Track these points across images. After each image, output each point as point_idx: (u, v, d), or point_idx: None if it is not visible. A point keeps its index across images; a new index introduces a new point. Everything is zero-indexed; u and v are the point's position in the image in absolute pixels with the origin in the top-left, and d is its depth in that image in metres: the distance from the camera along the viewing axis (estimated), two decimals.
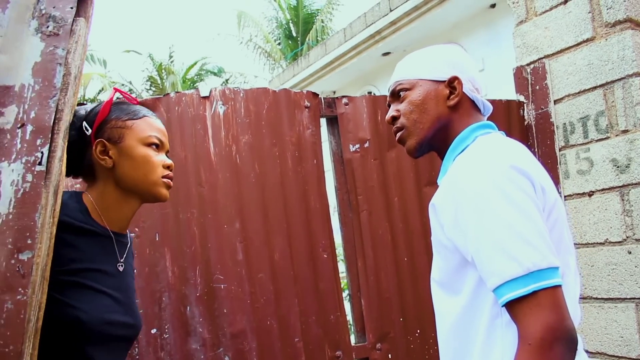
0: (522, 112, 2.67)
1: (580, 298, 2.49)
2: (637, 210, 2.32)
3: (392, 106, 1.27)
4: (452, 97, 1.19)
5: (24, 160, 0.98)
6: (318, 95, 2.24)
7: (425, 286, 2.21)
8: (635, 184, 2.32)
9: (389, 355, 2.10)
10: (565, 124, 2.60)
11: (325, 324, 2.02)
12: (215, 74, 18.84)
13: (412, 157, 1.28)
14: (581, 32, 2.52)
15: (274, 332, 1.92)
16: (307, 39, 15.70)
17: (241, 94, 2.09)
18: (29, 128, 0.99)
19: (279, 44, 17.37)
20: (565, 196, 2.60)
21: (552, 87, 2.64)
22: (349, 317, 2.23)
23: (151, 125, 1.30)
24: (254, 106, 2.09)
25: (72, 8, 1.10)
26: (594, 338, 2.47)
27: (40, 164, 0.98)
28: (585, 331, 2.51)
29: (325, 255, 2.09)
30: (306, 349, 1.96)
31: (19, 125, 0.99)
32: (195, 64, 18.36)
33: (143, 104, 1.95)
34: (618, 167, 2.38)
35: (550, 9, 2.65)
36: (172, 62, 17.52)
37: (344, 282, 2.52)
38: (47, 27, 1.08)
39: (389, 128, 2.30)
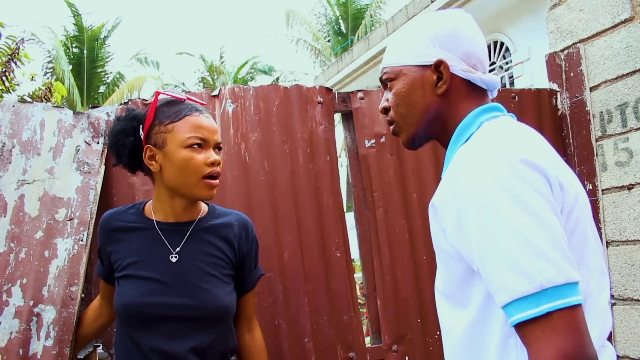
0: (554, 102, 2.52)
1: (619, 299, 2.32)
2: None
3: (384, 95, 1.15)
4: (439, 84, 1.04)
5: (73, 238, 1.68)
6: (332, 90, 2.19)
7: None
8: None
9: (406, 358, 2.02)
10: (602, 112, 2.42)
11: (338, 325, 1.96)
12: (265, 72, 19.05)
13: (410, 150, 1.18)
14: (618, 13, 2.34)
15: (283, 332, 1.88)
16: (356, 34, 15.60)
17: (251, 92, 2.06)
18: (75, 221, 1.71)
19: (329, 40, 17.34)
20: (602, 190, 2.43)
21: (587, 73, 2.47)
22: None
23: (192, 125, 1.35)
24: (264, 103, 2.06)
25: (97, 159, 1.83)
26: (636, 343, 2.29)
27: (82, 240, 1.69)
28: (626, 335, 2.33)
29: (338, 254, 2.03)
30: (317, 350, 1.91)
31: (68, 219, 1.70)
32: (245, 63, 18.63)
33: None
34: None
35: None
36: (222, 62, 17.84)
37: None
38: (84, 168, 1.80)
39: None
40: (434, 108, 1.06)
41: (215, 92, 2.04)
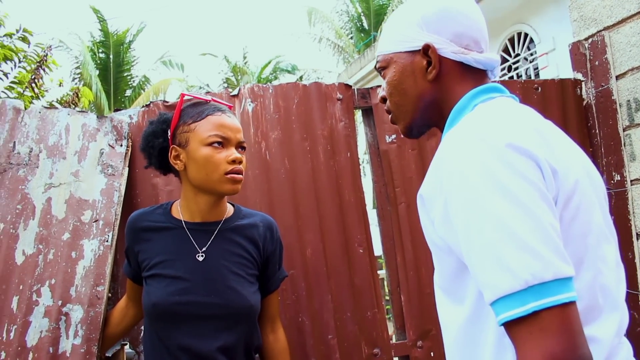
0: (579, 91, 2.46)
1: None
2: None
3: (383, 84, 1.11)
4: (429, 69, 0.99)
5: (98, 239, 1.72)
6: (351, 86, 2.18)
7: None
8: None
9: (431, 354, 2.00)
10: (629, 100, 2.37)
11: (362, 321, 1.96)
12: (289, 71, 19.10)
13: (410, 139, 1.14)
14: None
15: (307, 329, 1.88)
16: (379, 30, 15.52)
17: (270, 90, 2.07)
18: (101, 222, 1.74)
19: (351, 37, 17.30)
20: (631, 180, 2.37)
21: (613, 61, 2.41)
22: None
23: (213, 124, 1.38)
24: (283, 101, 2.07)
25: (121, 161, 1.86)
26: None
27: (107, 241, 1.72)
28: None
29: (361, 250, 2.03)
30: (341, 346, 1.91)
31: (94, 221, 1.74)
32: (269, 63, 18.71)
33: (174, 106, 1.98)
34: None
35: None
36: (246, 62, 17.95)
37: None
38: (108, 170, 1.83)
39: None
40: (428, 94, 1.02)
41: (235, 92, 2.06)
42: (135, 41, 16.73)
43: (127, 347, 1.77)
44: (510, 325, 0.74)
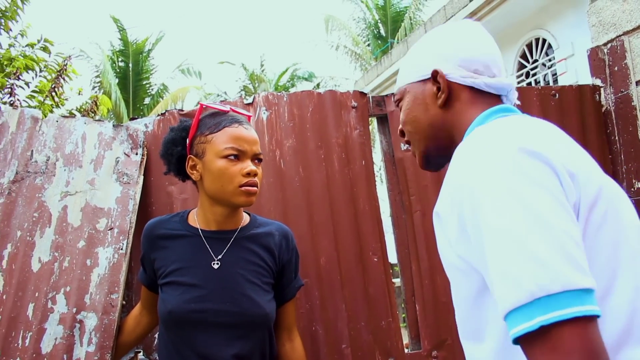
0: (598, 98, 2.43)
1: None
2: None
3: None
4: (438, 95, 0.99)
5: (113, 247, 1.72)
6: (366, 94, 2.17)
7: None
8: None
9: None
10: None
11: (376, 330, 1.94)
12: (306, 79, 19.17)
13: (428, 171, 1.12)
14: None
15: (320, 338, 1.87)
16: (396, 37, 15.50)
17: (285, 98, 2.07)
18: (115, 230, 1.75)
19: (368, 44, 17.31)
20: None
21: (632, 66, 2.37)
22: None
23: (229, 136, 1.39)
24: (297, 110, 2.07)
25: (136, 170, 1.87)
26: None
27: (122, 249, 1.72)
28: None
29: (375, 259, 2.01)
30: (355, 356, 1.89)
31: (109, 229, 1.75)
32: (286, 70, 18.80)
33: (189, 114, 1.99)
34: None
35: None
36: (263, 70, 18.05)
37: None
38: (123, 179, 1.84)
39: None
40: (438, 121, 1.01)
41: (249, 100, 2.07)
42: (154, 50, 16.93)
43: (140, 354, 1.77)
44: (523, 342, 0.68)
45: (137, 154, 1.90)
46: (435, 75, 1.00)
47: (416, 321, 2.02)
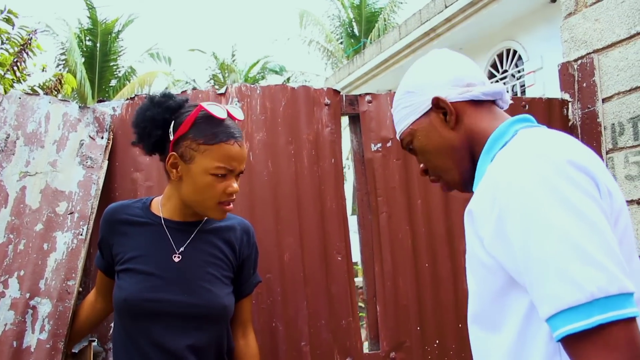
0: (565, 112, 2.48)
1: None
2: None
3: (417, 159, 1.15)
4: (447, 118, 1.03)
5: (72, 232, 1.67)
6: (339, 92, 2.16)
7: (447, 294, 2.10)
8: None
9: None
10: (613, 124, 2.39)
11: (336, 329, 1.94)
12: (276, 72, 19.07)
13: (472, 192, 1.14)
14: (635, 24, 2.31)
15: (280, 335, 1.86)
16: (368, 38, 15.57)
17: (258, 91, 2.04)
18: (76, 215, 1.69)
19: (341, 43, 17.33)
20: None
21: (600, 84, 2.43)
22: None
23: (224, 154, 1.32)
24: (270, 103, 2.04)
25: (101, 154, 1.82)
26: None
27: (81, 235, 1.67)
28: None
29: (339, 258, 2.01)
30: (313, 354, 1.89)
31: (69, 213, 1.69)
32: (257, 62, 18.66)
33: None
34: None
35: None
36: (234, 60, 17.87)
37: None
38: (87, 162, 1.78)
39: None
40: (457, 141, 1.04)
41: (222, 90, 2.03)
42: (124, 31, 16.56)
43: (94, 343, 1.72)
44: (571, 340, 0.73)
45: (102, 137, 1.84)
46: (437, 103, 1.04)
47: (376, 322, 2.03)
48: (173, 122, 1.37)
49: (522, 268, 0.80)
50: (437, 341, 2.03)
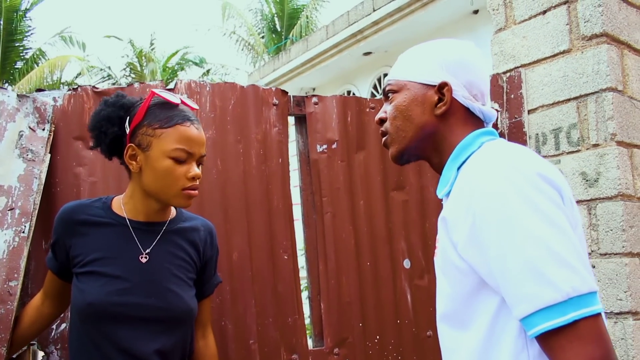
0: (495, 121, 2.64)
1: None
2: (603, 224, 2.31)
3: (383, 106, 1.17)
4: (439, 105, 1.07)
5: (13, 229, 1.57)
6: (287, 93, 2.19)
7: (387, 292, 2.19)
8: (603, 198, 2.31)
9: None
10: (537, 134, 2.58)
11: (283, 327, 1.97)
12: (196, 64, 18.66)
13: (396, 164, 1.16)
14: (558, 44, 2.51)
15: (229, 333, 1.86)
16: (291, 34, 15.59)
17: (207, 88, 2.02)
18: (17, 211, 1.60)
19: (263, 37, 17.24)
20: None
21: (526, 96, 2.62)
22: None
23: (181, 136, 1.29)
24: (220, 101, 2.03)
25: (42, 147, 1.72)
26: None
27: (24, 232, 1.58)
28: None
29: (285, 257, 2.03)
30: (261, 352, 1.91)
31: (9, 209, 1.59)
32: (176, 52, 18.16)
33: (105, 93, 1.88)
34: (587, 180, 2.38)
35: (530, 18, 2.63)
36: (153, 49, 17.28)
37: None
38: (28, 155, 1.68)
39: (359, 129, 2.26)
40: (430, 127, 1.08)
41: (172, 86, 1.99)
42: (33, 10, 15.50)
43: (35, 347, 1.64)
44: (547, 336, 0.81)
45: (44, 129, 1.75)
46: (442, 87, 1.06)
47: (320, 319, 2.08)
48: (128, 117, 1.35)
49: (496, 271, 0.86)
50: (378, 337, 2.12)
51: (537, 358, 0.87)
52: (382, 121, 1.16)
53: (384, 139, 1.16)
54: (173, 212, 1.47)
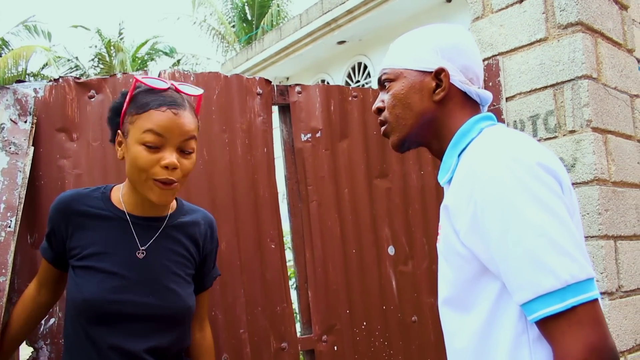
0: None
1: None
2: (580, 208, 2.38)
3: (379, 95, 1.17)
4: (437, 91, 1.07)
5: None
6: (271, 82, 2.19)
7: (372, 279, 2.22)
8: (580, 183, 2.38)
9: (335, 347, 2.08)
10: (515, 121, 2.63)
11: (271, 315, 1.98)
12: (166, 54, 18.37)
13: (397, 152, 1.17)
14: (535, 32, 2.55)
15: (219, 323, 1.87)
16: (262, 23, 15.47)
17: (192, 78, 2.01)
18: (2, 205, 1.57)
19: (233, 26, 17.07)
20: None
21: (504, 84, 2.67)
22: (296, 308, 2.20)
23: (152, 121, 1.23)
24: (204, 91, 2.01)
25: (25, 139, 1.68)
26: None
27: (9, 227, 1.55)
28: None
29: (272, 246, 2.05)
30: (251, 341, 1.92)
31: None
32: (146, 42, 17.85)
33: (87, 84, 1.85)
34: (564, 166, 2.44)
35: (506, 7, 2.67)
36: (122, 39, 16.94)
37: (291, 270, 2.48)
38: (10, 148, 1.64)
39: (342, 118, 2.27)
40: (429, 113, 1.09)
41: (155, 76, 1.97)
42: None
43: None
44: (546, 322, 0.84)
45: (26, 121, 1.72)
46: (439, 73, 1.07)
47: (308, 307, 2.10)
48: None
49: (498, 259, 0.90)
50: (365, 323, 2.15)
51: (537, 340, 0.90)
52: (379, 110, 1.16)
53: (383, 128, 1.16)
54: (173, 205, 1.44)
